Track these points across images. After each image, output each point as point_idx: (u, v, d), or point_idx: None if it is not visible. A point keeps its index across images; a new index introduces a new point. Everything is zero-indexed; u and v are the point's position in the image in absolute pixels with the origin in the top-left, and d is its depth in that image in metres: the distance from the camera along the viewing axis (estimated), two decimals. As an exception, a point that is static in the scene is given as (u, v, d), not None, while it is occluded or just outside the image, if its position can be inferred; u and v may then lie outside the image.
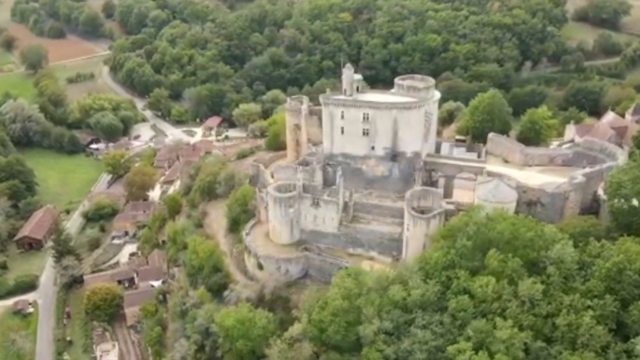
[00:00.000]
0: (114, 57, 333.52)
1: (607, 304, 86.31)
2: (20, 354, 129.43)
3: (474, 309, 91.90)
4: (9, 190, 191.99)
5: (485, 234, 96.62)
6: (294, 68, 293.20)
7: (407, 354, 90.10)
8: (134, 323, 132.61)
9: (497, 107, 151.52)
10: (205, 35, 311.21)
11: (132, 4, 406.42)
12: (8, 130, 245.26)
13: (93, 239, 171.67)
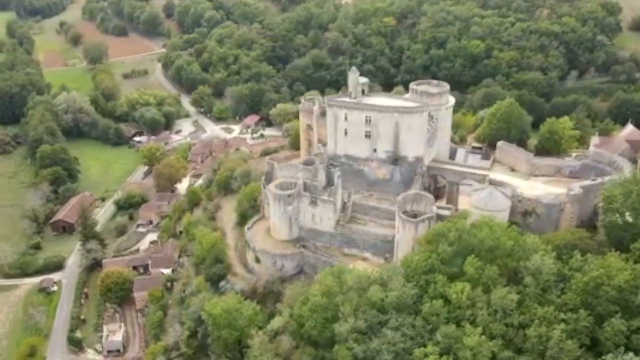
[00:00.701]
0: (167, 55, 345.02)
1: (580, 319, 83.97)
2: (38, 328, 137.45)
3: (448, 314, 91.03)
4: (51, 176, 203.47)
5: (467, 240, 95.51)
6: (334, 70, 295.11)
7: (375, 354, 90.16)
8: (142, 307, 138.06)
9: (514, 116, 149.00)
10: (252, 36, 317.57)
11: (190, 4, 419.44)
12: (60, 120, 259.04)
13: (120, 225, 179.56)
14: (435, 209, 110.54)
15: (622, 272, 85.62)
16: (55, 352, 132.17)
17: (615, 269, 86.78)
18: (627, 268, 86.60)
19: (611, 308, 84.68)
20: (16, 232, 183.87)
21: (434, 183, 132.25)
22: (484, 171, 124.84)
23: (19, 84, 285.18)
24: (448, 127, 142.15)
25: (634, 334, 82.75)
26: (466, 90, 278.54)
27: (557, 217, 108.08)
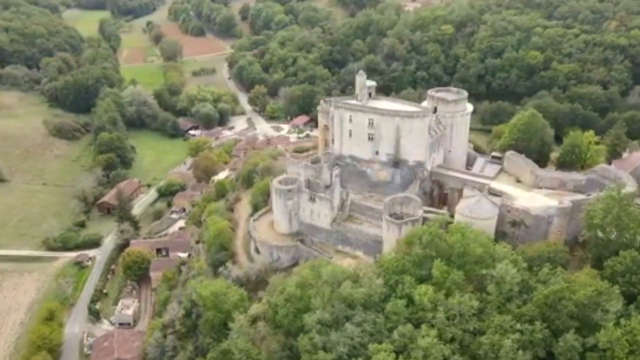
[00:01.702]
0: (233, 55, 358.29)
1: (536, 331, 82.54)
2: (65, 297, 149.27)
3: (410, 315, 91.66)
4: (105, 161, 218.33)
5: (438, 244, 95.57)
6: (387, 76, 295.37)
7: (332, 345, 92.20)
8: (156, 286, 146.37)
9: (534, 127, 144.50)
10: (312, 39, 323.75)
11: (263, 8, 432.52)
12: (125, 111, 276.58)
13: (158, 211, 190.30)
14: (421, 212, 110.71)
15: (585, 288, 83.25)
16: (75, 320, 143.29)
17: (579, 285, 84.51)
18: (592, 284, 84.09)
19: (569, 323, 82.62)
20: (66, 210, 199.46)
21: (438, 188, 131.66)
22: (485, 180, 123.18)
23: (94, 77, 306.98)
24: (464, 134, 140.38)
25: (588, 352, 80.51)
26: (519, 101, 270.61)
27: (545, 229, 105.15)
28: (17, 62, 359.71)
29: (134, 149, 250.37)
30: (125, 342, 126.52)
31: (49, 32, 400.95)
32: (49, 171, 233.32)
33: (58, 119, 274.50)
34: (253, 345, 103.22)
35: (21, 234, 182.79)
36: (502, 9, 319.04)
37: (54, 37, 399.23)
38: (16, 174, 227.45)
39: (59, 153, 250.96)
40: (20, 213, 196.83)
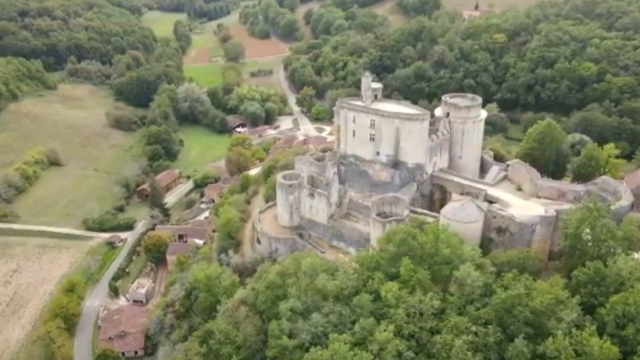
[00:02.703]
0: (288, 57, 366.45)
1: (489, 334, 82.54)
2: (91, 273, 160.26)
3: (376, 309, 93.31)
4: (151, 152, 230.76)
5: (410, 244, 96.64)
6: (434, 83, 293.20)
7: (297, 332, 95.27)
8: (171, 269, 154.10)
9: (549, 137, 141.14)
10: (363, 44, 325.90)
11: (324, 13, 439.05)
12: (179, 107, 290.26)
13: (190, 201, 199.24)
14: (406, 213, 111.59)
15: (543, 296, 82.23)
16: (97, 294, 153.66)
17: (538, 292, 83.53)
18: (551, 292, 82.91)
19: (524, 329, 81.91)
20: (109, 195, 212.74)
21: (440, 192, 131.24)
22: (484, 186, 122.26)
23: (156, 74, 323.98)
24: (477, 141, 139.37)
25: (538, 358, 79.55)
26: (568, 113, 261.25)
27: (529, 238, 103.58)
28: (92, 58, 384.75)
29: (182, 142, 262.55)
30: (133, 317, 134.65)
31: (124, 32, 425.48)
32: (103, 159, 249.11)
33: (118, 111, 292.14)
34: (234, 327, 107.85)
35: (67, 214, 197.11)
36: (560, 18, 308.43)
37: (129, 36, 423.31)
38: (72, 160, 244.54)
39: (115, 143, 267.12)
40: (70, 195, 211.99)
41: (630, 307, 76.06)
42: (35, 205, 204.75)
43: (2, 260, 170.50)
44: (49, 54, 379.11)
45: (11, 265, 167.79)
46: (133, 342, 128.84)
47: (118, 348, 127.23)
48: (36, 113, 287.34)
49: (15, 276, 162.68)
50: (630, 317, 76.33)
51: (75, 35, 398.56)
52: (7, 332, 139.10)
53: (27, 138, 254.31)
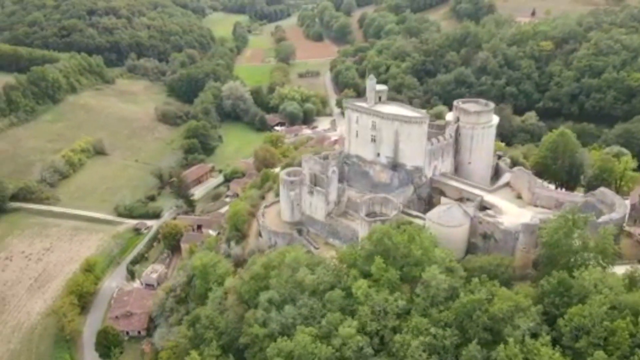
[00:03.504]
0: (335, 60, 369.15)
1: (446, 336, 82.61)
2: (114, 256, 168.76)
3: (347, 305, 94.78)
4: (188, 146, 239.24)
5: (386, 243, 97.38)
6: (475, 89, 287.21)
7: (269, 322, 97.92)
8: (184, 256, 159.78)
9: (562, 146, 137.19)
10: (407, 49, 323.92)
11: (377, 17, 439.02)
12: (223, 104, 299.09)
13: (217, 193, 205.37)
14: (394, 213, 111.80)
15: (503, 302, 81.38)
16: (116, 276, 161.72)
17: (500, 298, 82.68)
18: (513, 300, 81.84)
19: (481, 334, 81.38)
20: (145, 185, 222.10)
21: (440, 196, 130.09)
22: (481, 192, 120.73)
23: (205, 71, 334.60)
24: (488, 147, 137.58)
25: None
26: (613, 124, 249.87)
27: (513, 245, 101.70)
28: (151, 55, 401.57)
29: (220, 138, 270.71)
30: (141, 299, 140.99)
31: (183, 31, 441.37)
32: (145, 150, 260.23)
33: (166, 106, 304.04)
34: (220, 314, 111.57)
35: (102, 200, 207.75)
36: (614, 27, 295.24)
37: (187, 35, 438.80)
38: (117, 150, 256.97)
39: (159, 136, 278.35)
40: (109, 183, 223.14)
41: (585, 319, 73.81)
42: (76, 190, 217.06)
43: (38, 239, 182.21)
44: (112, 51, 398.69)
45: (45, 244, 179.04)
46: (137, 322, 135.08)
47: (122, 327, 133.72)
48: (92, 105, 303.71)
49: (47, 254, 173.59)
50: (586, 330, 74.09)
51: (137, 33, 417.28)
52: (30, 305, 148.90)
53: (79, 128, 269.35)
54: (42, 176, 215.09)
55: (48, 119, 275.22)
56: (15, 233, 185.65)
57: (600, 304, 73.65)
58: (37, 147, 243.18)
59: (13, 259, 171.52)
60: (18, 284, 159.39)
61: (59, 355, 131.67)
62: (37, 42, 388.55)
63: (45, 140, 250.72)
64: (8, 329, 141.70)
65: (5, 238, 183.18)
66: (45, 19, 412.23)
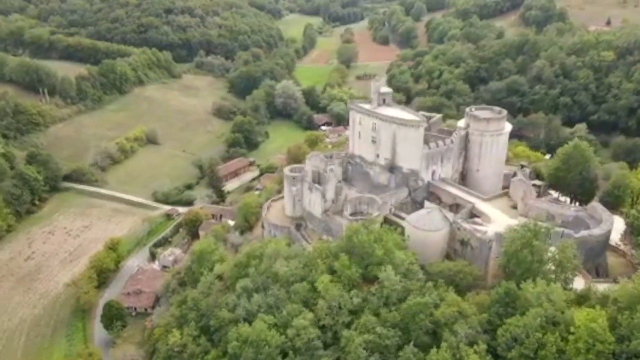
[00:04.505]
0: (391, 64, 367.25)
1: (388, 336, 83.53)
2: (141, 238, 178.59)
3: (310, 298, 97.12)
4: (231, 139, 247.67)
5: (353, 241, 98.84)
6: (528, 98, 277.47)
7: (236, 308, 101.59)
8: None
9: (575, 159, 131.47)
10: (463, 55, 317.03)
11: (442, 22, 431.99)
12: (275, 102, 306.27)
13: (249, 187, 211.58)
14: (377, 213, 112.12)
15: (447, 308, 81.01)
16: (139, 256, 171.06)
17: (445, 304, 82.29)
18: (457, 305, 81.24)
19: (422, 338, 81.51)
20: (186, 174, 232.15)
21: (438, 200, 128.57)
22: (475, 199, 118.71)
23: (262, 70, 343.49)
24: (498, 155, 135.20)
25: None
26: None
27: (487, 253, 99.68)
28: (219, 53, 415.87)
29: (267, 134, 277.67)
30: (153, 279, 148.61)
31: (252, 31, 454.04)
32: (194, 142, 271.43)
33: (223, 101, 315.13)
34: (205, 297, 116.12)
35: (144, 186, 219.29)
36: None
37: (255, 34, 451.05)
38: (169, 141, 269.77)
39: (211, 129, 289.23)
40: (154, 170, 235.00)
41: (519, 330, 71.75)
42: (123, 175, 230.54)
43: (80, 217, 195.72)
44: (183, 47, 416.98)
45: (85, 222, 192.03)
46: (145, 300, 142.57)
47: (131, 303, 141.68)
48: (155, 97, 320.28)
49: (85, 232, 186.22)
50: (520, 341, 72.01)
51: (208, 32, 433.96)
52: (60, 276, 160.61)
53: (139, 118, 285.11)
54: (94, 160, 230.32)
55: (112, 109, 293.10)
56: (62, 210, 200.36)
57: (535, 316, 71.22)
58: (97, 133, 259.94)
59: (55, 233, 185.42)
60: (54, 256, 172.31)
61: (73, 323, 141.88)
62: (117, 37, 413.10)
63: (106, 128, 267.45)
64: (37, 296, 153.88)
65: (53, 214, 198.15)
66: (127, 16, 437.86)
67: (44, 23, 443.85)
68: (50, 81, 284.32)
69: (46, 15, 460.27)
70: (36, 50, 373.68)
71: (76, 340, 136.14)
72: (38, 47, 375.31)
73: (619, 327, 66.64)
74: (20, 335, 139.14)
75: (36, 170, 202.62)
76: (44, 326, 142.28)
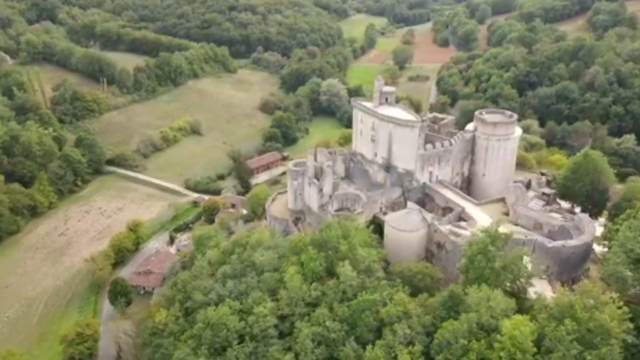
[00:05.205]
0: (442, 66, 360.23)
1: (334, 330, 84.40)
2: (164, 222, 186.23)
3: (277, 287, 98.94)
4: (268, 134, 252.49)
5: (325, 236, 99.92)
6: (578, 106, 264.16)
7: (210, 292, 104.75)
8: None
9: (583, 169, 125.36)
10: (515, 58, 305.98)
11: (503, 25, 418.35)
12: (320, 99, 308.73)
13: (277, 180, 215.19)
14: (359, 211, 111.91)
15: (394, 307, 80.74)
16: (159, 239, 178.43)
17: (393, 303, 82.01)
18: (403, 306, 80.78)
19: (366, 334, 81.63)
20: (222, 165, 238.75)
21: (431, 203, 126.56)
22: (467, 203, 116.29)
23: (312, 68, 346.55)
24: (504, 160, 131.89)
25: None
26: None
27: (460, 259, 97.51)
28: (276, 50, 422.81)
29: (307, 130, 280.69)
30: (164, 261, 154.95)
31: (311, 29, 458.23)
32: (236, 135, 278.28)
33: (269, 97, 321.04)
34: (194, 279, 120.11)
35: (180, 174, 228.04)
36: None
37: (314, 33, 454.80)
38: (212, 132, 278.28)
39: (254, 123, 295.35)
40: (192, 159, 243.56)
41: (449, 334, 70.23)
42: (163, 162, 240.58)
43: (116, 199, 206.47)
44: (242, 43, 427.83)
45: (119, 204, 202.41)
46: (153, 279, 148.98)
47: (140, 282, 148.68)
48: (207, 90, 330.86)
49: (117, 213, 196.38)
50: (449, 345, 70.45)
51: (268, 29, 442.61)
52: (85, 253, 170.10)
53: (188, 109, 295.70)
54: (137, 147, 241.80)
55: (164, 99, 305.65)
56: (101, 192, 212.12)
57: (466, 321, 69.38)
58: (146, 122, 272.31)
59: (90, 212, 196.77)
60: (85, 233, 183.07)
61: (87, 297, 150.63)
62: (181, 32, 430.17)
63: (155, 117, 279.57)
64: (62, 269, 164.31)
65: (92, 195, 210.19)
66: (192, 12, 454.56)
67: (117, 17, 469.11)
68: (110, 71, 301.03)
69: (120, 10, 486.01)
70: (106, 42, 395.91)
71: (86, 312, 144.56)
72: (107, 39, 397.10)
73: (544, 338, 63.66)
74: (40, 303, 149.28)
75: (81, 154, 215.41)
76: (62, 297, 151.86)
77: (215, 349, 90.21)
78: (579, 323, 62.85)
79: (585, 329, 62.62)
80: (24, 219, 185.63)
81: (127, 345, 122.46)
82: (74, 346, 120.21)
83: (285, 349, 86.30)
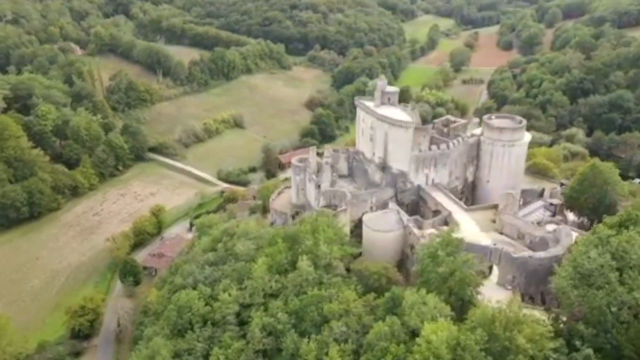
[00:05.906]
0: (496, 70, 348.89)
1: (281, 322, 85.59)
2: (190, 209, 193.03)
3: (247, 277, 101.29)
4: (306, 130, 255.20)
5: (296, 230, 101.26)
6: (632, 116, 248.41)
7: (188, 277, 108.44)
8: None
9: (590, 180, 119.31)
10: (571, 64, 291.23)
11: (569, 29, 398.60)
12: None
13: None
14: (343, 207, 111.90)
15: (338, 305, 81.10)
16: (181, 225, 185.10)
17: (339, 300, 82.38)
18: (345, 302, 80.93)
19: (309, 329, 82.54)
20: (257, 157, 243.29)
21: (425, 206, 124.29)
22: (456, 208, 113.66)
23: (362, 67, 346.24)
24: (510, 167, 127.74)
25: (298, 357, 79.91)
26: None
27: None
28: (333, 48, 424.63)
29: (347, 128, 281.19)
30: (177, 245, 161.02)
31: (370, 29, 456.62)
32: (277, 129, 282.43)
33: (316, 94, 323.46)
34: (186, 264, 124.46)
35: (216, 164, 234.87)
36: None
37: (372, 33, 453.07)
38: (255, 126, 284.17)
39: (297, 119, 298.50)
40: (230, 151, 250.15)
41: (373, 335, 69.60)
42: (202, 153, 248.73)
43: (151, 185, 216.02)
44: (300, 41, 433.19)
45: (152, 190, 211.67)
46: (164, 262, 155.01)
47: (152, 264, 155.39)
48: (258, 85, 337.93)
49: (149, 197, 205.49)
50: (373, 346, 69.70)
51: (327, 28, 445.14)
52: (113, 232, 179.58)
53: (236, 103, 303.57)
54: (179, 136, 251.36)
55: (215, 92, 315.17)
56: (140, 177, 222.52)
57: (389, 323, 68.36)
58: (194, 113, 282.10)
59: (126, 196, 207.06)
60: (117, 215, 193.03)
61: (104, 274, 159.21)
62: (243, 29, 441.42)
63: (203, 109, 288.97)
64: (88, 246, 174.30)
65: (131, 180, 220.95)
66: (255, 9, 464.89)
67: (187, 13, 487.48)
68: (167, 64, 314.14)
69: (190, 6, 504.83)
70: (171, 37, 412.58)
71: (101, 288, 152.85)
72: (172, 34, 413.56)
73: (458, 347, 61.48)
74: (62, 276, 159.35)
75: (124, 141, 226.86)
76: (83, 272, 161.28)
77: (179, 330, 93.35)
78: (495, 339, 60.45)
79: (502, 346, 60.19)
80: (64, 197, 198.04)
81: (126, 322, 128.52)
82: (76, 318, 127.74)
83: (240, 336, 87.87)
